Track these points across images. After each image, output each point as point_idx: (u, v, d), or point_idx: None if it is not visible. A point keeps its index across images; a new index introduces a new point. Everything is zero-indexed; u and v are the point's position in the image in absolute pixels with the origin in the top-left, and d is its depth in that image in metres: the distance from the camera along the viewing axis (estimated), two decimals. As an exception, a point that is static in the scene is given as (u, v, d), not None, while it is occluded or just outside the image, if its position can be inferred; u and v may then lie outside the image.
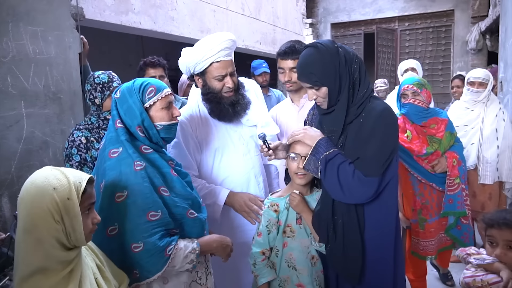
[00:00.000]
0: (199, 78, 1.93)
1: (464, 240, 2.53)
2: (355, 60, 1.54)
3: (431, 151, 2.44)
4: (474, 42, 6.31)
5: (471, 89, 3.05)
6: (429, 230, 2.51)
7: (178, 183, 1.48)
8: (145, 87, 1.44)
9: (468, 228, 2.54)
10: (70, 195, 1.05)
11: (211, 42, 1.85)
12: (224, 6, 5.05)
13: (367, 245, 1.57)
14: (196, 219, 1.48)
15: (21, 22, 2.24)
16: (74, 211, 1.05)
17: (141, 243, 1.32)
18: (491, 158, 2.96)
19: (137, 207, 1.33)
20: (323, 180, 1.58)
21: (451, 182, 2.45)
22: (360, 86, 1.54)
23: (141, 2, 3.72)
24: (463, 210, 2.46)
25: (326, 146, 1.55)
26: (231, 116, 1.95)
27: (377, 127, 1.49)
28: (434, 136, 2.48)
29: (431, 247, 2.53)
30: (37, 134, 2.33)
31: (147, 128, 1.44)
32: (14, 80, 2.21)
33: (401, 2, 7.14)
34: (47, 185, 1.04)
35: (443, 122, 2.51)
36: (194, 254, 1.42)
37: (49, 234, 1.03)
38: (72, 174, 1.09)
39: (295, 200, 1.67)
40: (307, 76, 1.54)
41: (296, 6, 7.17)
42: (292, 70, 2.12)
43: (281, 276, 1.70)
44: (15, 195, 2.17)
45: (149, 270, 1.34)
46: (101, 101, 2.02)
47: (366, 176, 1.47)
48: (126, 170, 1.35)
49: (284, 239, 1.70)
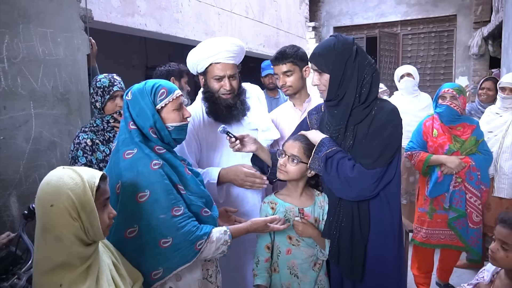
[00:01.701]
0: (202, 77, 2.00)
1: (470, 243, 2.65)
2: (369, 64, 1.59)
3: (454, 150, 2.64)
4: (476, 47, 6.32)
5: (501, 95, 2.94)
6: (436, 220, 2.69)
7: (193, 182, 1.51)
8: (156, 89, 1.47)
9: (476, 233, 2.62)
10: (85, 193, 1.08)
11: (213, 44, 1.91)
12: (228, 9, 5.08)
13: (370, 243, 1.62)
14: (209, 217, 1.52)
15: (31, 23, 2.26)
16: (90, 208, 1.09)
17: (170, 238, 1.36)
18: (509, 170, 2.79)
19: (161, 204, 1.36)
20: (325, 178, 1.63)
21: (455, 181, 2.62)
22: (371, 91, 1.58)
23: (147, 4, 3.75)
24: (461, 209, 2.62)
25: (328, 145, 1.61)
26: (226, 117, 1.98)
27: (386, 125, 1.56)
28: (458, 136, 2.67)
29: (434, 236, 2.71)
30: (45, 134, 2.35)
31: (159, 129, 1.46)
32: (23, 81, 2.23)
33: (404, 6, 7.17)
34: (62, 184, 1.08)
35: (471, 127, 2.68)
36: (225, 246, 1.47)
37: (68, 231, 1.07)
38: (85, 172, 1.13)
39: (299, 227, 1.68)
40: (316, 57, 1.63)
41: (299, 10, 7.20)
42: (286, 74, 2.13)
43: (283, 283, 1.71)
44: (23, 195, 2.21)
45: (177, 262, 1.37)
46: (101, 105, 2.05)
47: (368, 169, 1.53)
48: (143, 170, 1.38)
49: (289, 246, 1.72)
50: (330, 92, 1.61)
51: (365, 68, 1.57)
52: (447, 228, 2.68)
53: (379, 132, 1.55)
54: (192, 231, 1.39)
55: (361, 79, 1.57)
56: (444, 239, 2.71)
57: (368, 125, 1.58)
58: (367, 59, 1.60)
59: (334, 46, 1.58)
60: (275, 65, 2.17)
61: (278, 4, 6.43)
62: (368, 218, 1.61)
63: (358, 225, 1.61)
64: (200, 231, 1.41)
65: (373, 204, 1.61)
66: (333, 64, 1.58)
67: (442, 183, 2.65)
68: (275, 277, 1.73)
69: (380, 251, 1.62)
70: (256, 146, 1.80)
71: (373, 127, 1.57)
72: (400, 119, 1.61)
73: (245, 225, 1.57)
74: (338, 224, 1.64)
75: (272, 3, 6.24)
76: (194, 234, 1.39)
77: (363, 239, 1.61)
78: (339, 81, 1.57)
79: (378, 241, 1.62)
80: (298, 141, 1.73)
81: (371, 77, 1.58)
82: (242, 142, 1.77)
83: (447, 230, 2.69)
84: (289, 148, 1.72)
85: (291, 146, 1.72)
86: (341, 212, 1.64)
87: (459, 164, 2.58)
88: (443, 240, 2.72)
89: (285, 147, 1.74)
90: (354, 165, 1.55)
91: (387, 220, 1.63)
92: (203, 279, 1.52)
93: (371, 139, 1.56)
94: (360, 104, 1.58)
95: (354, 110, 1.59)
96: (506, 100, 2.92)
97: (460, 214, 2.63)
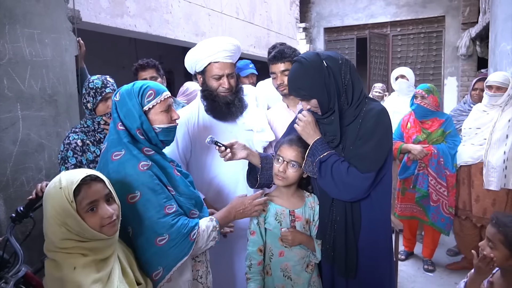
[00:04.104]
0: (200, 76, 2.04)
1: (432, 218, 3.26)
2: (343, 66, 1.58)
3: (420, 139, 3.26)
4: (464, 48, 6.40)
5: (488, 93, 3.01)
6: (407, 197, 3.39)
7: (182, 183, 1.51)
8: (144, 90, 1.46)
9: (436, 210, 3.25)
10: (63, 200, 1.11)
11: (212, 43, 1.95)
12: (219, 10, 5.07)
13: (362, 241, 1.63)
14: (198, 219, 1.52)
15: (18, 24, 2.23)
16: (71, 214, 1.11)
17: (166, 235, 1.36)
18: (497, 164, 2.90)
19: (153, 204, 1.37)
20: (319, 181, 1.63)
21: (419, 166, 3.24)
22: (354, 88, 1.59)
23: (136, 5, 3.73)
24: (423, 189, 3.22)
25: (321, 148, 1.61)
26: (225, 114, 2.02)
27: (376, 127, 1.56)
28: (426, 129, 3.27)
29: (407, 210, 3.42)
30: (32, 136, 2.32)
31: (146, 130, 1.45)
32: (10, 82, 2.20)
33: (393, 7, 7.23)
34: (48, 193, 1.14)
35: (439, 122, 3.26)
36: (215, 232, 1.49)
37: (58, 237, 1.10)
38: (65, 178, 1.14)
39: (289, 236, 1.67)
40: (296, 90, 1.62)
41: (289, 11, 7.22)
42: (284, 73, 2.13)
43: (276, 285, 1.71)
44: (10, 198, 2.18)
45: (175, 258, 1.38)
46: (93, 106, 2.03)
47: (363, 173, 1.53)
48: (131, 171, 1.37)
49: (281, 248, 1.71)
50: (323, 109, 1.61)
51: (341, 72, 1.57)
52: (415, 204, 3.34)
53: (371, 135, 1.55)
54: (185, 224, 1.41)
55: (343, 84, 1.57)
56: (416, 212, 3.39)
57: (358, 125, 1.58)
58: (339, 60, 1.58)
59: (306, 72, 1.56)
60: (273, 63, 2.17)
61: (269, 5, 6.44)
62: (359, 216, 1.62)
63: (351, 224, 1.62)
64: (192, 223, 1.44)
65: (364, 203, 1.63)
66: (315, 90, 1.57)
67: (409, 167, 3.31)
68: (268, 280, 1.72)
69: (371, 247, 1.64)
70: (247, 152, 1.78)
71: (363, 129, 1.57)
72: (389, 120, 1.62)
73: (226, 209, 1.59)
74: (332, 224, 1.65)
75: (263, 4, 6.24)
76: (187, 226, 1.41)
77: (355, 237, 1.62)
78: (327, 101, 1.58)
79: (369, 238, 1.64)
80: (295, 145, 1.70)
81: (350, 75, 1.58)
82: (232, 150, 1.75)
83: (415, 205, 3.35)
84: (287, 154, 1.69)
85: (289, 151, 1.69)
86: (335, 212, 1.65)
87: (421, 151, 3.17)
88: (415, 213, 3.39)
89: (282, 152, 1.70)
90: (348, 168, 1.55)
91: (377, 218, 1.65)
92: (193, 280, 1.52)
93: (364, 142, 1.56)
94: (350, 106, 1.59)
95: (346, 113, 1.60)
96: (492, 98, 2.99)
97: (423, 194, 3.23)
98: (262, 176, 1.80)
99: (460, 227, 3.29)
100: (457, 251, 3.68)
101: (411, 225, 3.56)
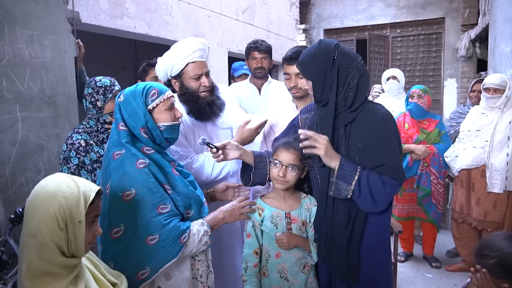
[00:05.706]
0: (176, 81, 2.01)
1: (432, 216, 3.39)
2: (355, 70, 1.57)
3: (421, 139, 3.34)
4: (464, 50, 6.40)
5: (486, 95, 3.02)
6: (405, 198, 3.45)
7: (180, 182, 1.53)
8: (148, 90, 1.51)
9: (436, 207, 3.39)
10: (78, 204, 1.06)
11: (185, 45, 1.96)
12: (218, 11, 5.08)
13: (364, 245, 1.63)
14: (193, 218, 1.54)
15: (17, 26, 2.24)
16: (79, 220, 1.07)
17: (157, 235, 1.37)
18: (500, 166, 2.89)
19: (147, 202, 1.38)
20: (355, 198, 1.57)
21: (422, 165, 3.33)
22: (357, 94, 1.58)
23: (136, 7, 3.73)
24: (427, 188, 3.32)
25: (350, 166, 1.55)
26: (208, 115, 2.03)
27: (389, 132, 1.58)
28: (425, 129, 3.37)
29: (404, 211, 3.47)
30: (31, 137, 2.32)
31: (150, 129, 1.49)
32: (9, 83, 2.20)
33: (393, 9, 7.23)
34: (58, 192, 1.05)
35: (435, 122, 3.41)
36: (207, 236, 1.50)
37: (52, 240, 1.04)
38: (83, 184, 1.10)
39: (284, 240, 1.66)
40: (300, 64, 1.67)
41: (289, 12, 7.22)
42: (298, 76, 2.04)
43: (273, 286, 1.71)
44: (10, 199, 2.18)
45: (164, 260, 1.38)
46: (103, 103, 2.06)
47: (395, 180, 1.55)
48: (129, 169, 1.40)
49: (278, 250, 1.71)
50: (316, 96, 1.63)
51: (350, 73, 1.56)
52: (415, 204, 3.41)
53: (386, 138, 1.57)
54: (177, 226, 1.42)
55: (346, 85, 1.56)
56: (412, 212, 3.46)
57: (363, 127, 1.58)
58: (353, 62, 1.57)
59: (314, 55, 1.59)
60: (289, 64, 2.10)
61: (268, 7, 6.44)
62: (364, 220, 1.61)
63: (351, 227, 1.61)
64: (183, 226, 1.45)
65: None
66: (314, 73, 1.60)
67: (412, 167, 3.33)
68: (265, 282, 1.73)
69: (372, 251, 1.64)
70: (240, 152, 1.78)
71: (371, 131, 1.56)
72: (395, 121, 1.67)
73: (216, 213, 1.59)
74: (333, 229, 1.64)
75: (263, 6, 6.25)
76: (179, 229, 1.42)
77: (358, 241, 1.61)
78: (321, 89, 1.59)
79: (371, 241, 1.63)
80: (292, 148, 1.69)
81: (358, 81, 1.56)
82: (225, 150, 1.76)
83: (414, 205, 3.42)
84: (285, 158, 1.68)
85: (286, 155, 1.68)
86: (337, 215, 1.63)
87: (425, 151, 3.26)
88: (411, 213, 3.47)
89: (279, 157, 1.69)
90: (382, 180, 1.53)
91: (381, 220, 1.64)
92: (192, 279, 1.52)
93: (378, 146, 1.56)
94: (346, 109, 1.58)
95: (340, 114, 1.59)
96: (490, 100, 3.00)
97: (426, 193, 3.34)
98: (255, 175, 1.80)
99: (457, 230, 3.30)
100: (456, 253, 3.68)
101: (409, 225, 3.60)
